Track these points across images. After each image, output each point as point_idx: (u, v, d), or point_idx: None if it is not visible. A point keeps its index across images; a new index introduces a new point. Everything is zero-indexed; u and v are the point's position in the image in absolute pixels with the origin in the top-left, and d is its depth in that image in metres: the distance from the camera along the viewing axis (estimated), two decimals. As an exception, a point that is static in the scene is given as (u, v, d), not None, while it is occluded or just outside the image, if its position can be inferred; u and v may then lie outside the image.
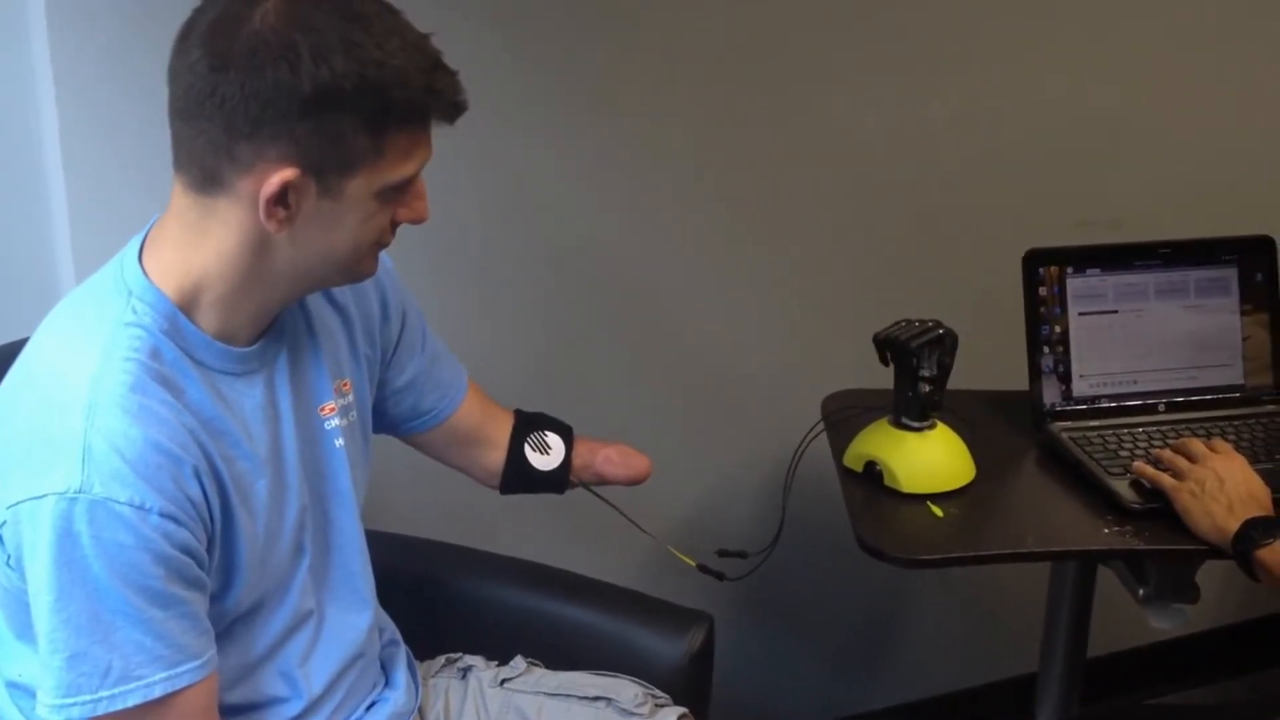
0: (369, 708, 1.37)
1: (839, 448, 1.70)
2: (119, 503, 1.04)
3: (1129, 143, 2.14)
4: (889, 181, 2.04)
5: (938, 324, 1.60)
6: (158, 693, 1.07)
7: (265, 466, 1.18)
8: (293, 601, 1.25)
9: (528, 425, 1.52)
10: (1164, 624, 1.62)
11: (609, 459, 1.54)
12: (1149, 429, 1.71)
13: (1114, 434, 1.70)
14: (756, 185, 1.98)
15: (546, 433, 1.52)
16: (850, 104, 1.98)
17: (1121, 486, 1.58)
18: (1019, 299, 1.74)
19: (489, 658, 1.51)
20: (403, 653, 1.45)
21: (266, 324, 1.19)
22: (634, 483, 1.54)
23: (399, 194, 1.12)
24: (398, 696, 1.39)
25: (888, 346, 1.60)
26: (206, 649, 1.12)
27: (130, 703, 1.07)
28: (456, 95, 1.10)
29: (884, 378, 1.65)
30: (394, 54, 1.05)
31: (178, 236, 1.12)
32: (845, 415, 1.74)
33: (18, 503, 1.06)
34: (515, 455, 1.50)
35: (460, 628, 1.56)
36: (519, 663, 1.50)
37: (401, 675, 1.42)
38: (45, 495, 1.04)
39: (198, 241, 1.11)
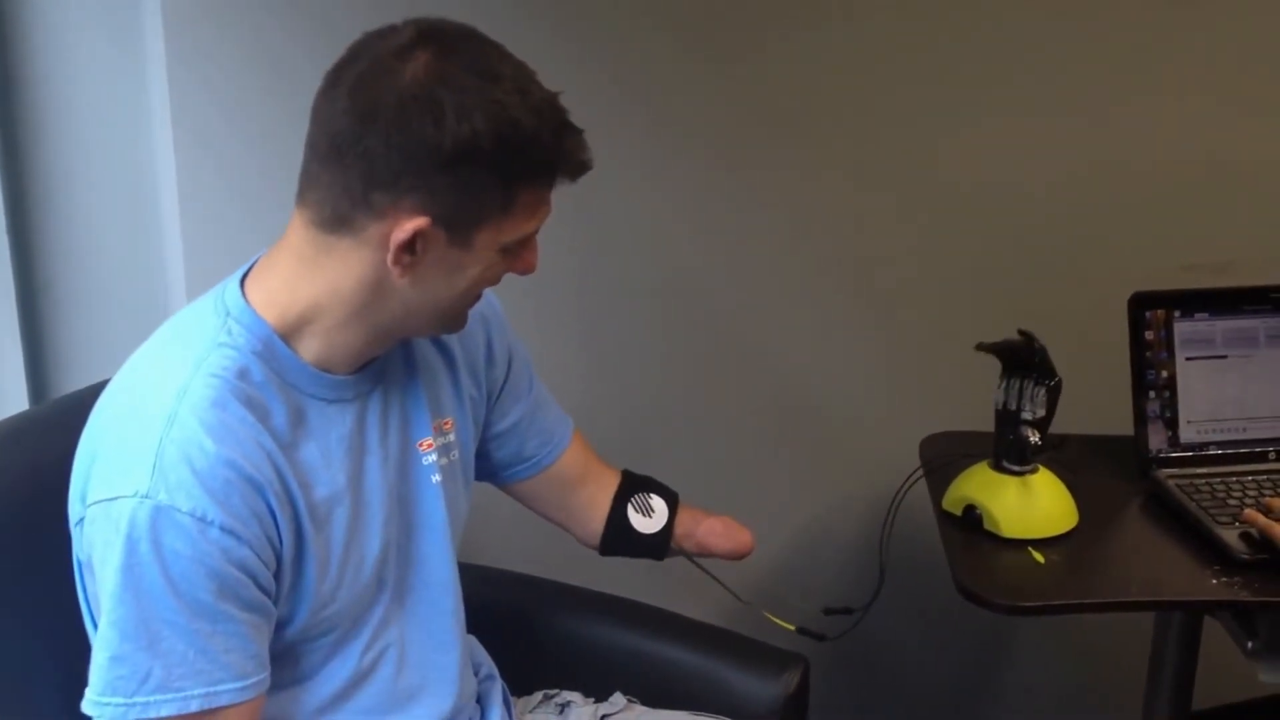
0: None
1: (938, 492, 1.68)
2: (181, 511, 1.06)
3: (1237, 186, 2.10)
4: (993, 224, 2.03)
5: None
6: (194, 707, 1.09)
7: (344, 495, 1.19)
8: (367, 636, 1.25)
9: (633, 486, 1.51)
10: (1273, 678, 1.56)
11: (712, 530, 1.52)
12: (1259, 477, 1.68)
13: (1222, 482, 1.66)
14: (858, 226, 1.98)
15: (651, 495, 1.50)
16: (956, 149, 1.97)
17: (1230, 536, 1.54)
18: (1124, 343, 1.71)
19: (585, 694, 1.51)
20: (498, 687, 1.45)
21: (365, 360, 1.21)
22: (736, 557, 1.52)
23: (519, 247, 1.16)
24: (493, 731, 1.39)
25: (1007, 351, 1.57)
26: (253, 672, 1.12)
27: (165, 712, 1.08)
28: (582, 154, 1.13)
29: (982, 421, 1.63)
30: (529, 114, 1.08)
31: (289, 268, 1.15)
32: (945, 459, 1.72)
33: (96, 502, 1.09)
34: (617, 514, 1.49)
35: (557, 664, 1.56)
36: (618, 699, 1.50)
37: (497, 710, 1.42)
38: (118, 497, 1.07)
39: (311, 275, 1.14)
